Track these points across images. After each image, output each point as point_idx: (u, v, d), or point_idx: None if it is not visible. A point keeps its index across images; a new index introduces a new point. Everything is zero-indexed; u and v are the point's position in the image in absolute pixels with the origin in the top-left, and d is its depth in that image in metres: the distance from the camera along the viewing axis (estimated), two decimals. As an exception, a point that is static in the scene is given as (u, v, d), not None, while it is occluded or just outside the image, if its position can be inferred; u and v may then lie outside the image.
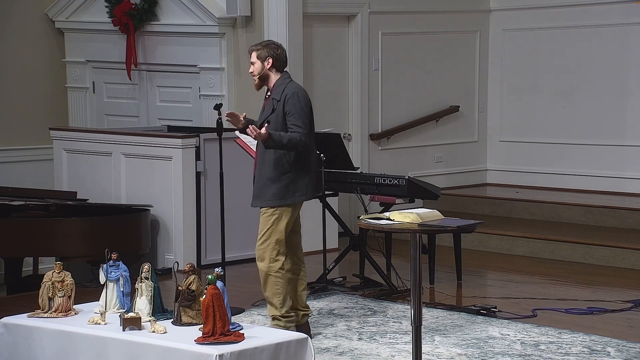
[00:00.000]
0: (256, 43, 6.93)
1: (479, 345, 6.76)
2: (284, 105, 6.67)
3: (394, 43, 11.23)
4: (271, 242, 6.76)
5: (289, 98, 6.67)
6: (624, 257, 9.28)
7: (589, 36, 11.32)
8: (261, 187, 6.73)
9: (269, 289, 6.81)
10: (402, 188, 8.24)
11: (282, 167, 6.68)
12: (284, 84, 6.76)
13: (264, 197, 6.73)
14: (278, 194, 6.69)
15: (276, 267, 6.77)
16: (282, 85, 6.76)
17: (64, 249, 8.92)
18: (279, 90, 6.74)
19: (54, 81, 11.76)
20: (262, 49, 6.80)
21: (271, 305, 6.82)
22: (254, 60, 6.81)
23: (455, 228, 5.81)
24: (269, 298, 6.82)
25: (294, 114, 6.65)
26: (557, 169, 11.58)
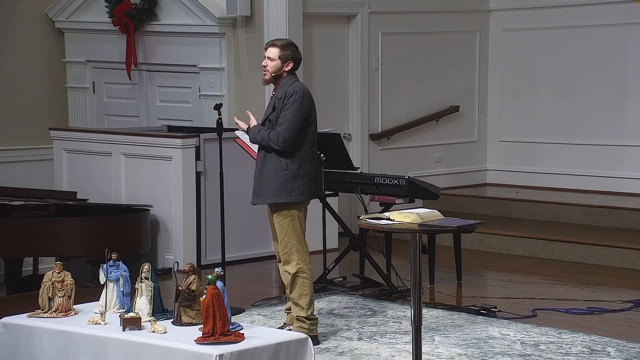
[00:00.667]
0: (278, 39, 6.86)
1: (479, 345, 6.76)
2: (282, 103, 6.67)
3: (394, 43, 11.23)
4: (293, 244, 6.72)
5: (289, 96, 6.64)
6: (624, 257, 9.28)
7: (589, 36, 11.32)
8: (260, 185, 6.73)
9: (297, 290, 6.75)
10: (402, 188, 8.23)
11: (280, 165, 6.66)
12: (289, 83, 6.72)
13: (262, 194, 6.72)
14: (274, 191, 6.66)
15: (304, 267, 6.75)
16: (286, 84, 6.72)
17: (64, 249, 8.92)
18: (282, 89, 6.71)
19: (54, 81, 11.76)
20: (287, 49, 6.70)
21: (297, 306, 6.77)
22: (273, 57, 6.70)
23: (455, 228, 5.81)
24: (295, 299, 6.76)
25: (283, 114, 6.63)
26: (557, 169, 11.58)
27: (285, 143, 6.59)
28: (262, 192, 6.72)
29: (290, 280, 6.74)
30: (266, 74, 6.74)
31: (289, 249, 6.72)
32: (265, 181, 6.69)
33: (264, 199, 6.73)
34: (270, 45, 6.74)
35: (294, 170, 6.67)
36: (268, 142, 6.62)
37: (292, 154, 6.67)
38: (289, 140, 6.60)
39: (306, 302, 6.74)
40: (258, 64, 10.23)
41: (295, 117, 6.61)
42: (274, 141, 6.60)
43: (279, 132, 6.59)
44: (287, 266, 6.75)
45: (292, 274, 6.72)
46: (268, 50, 6.73)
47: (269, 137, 6.61)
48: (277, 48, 6.69)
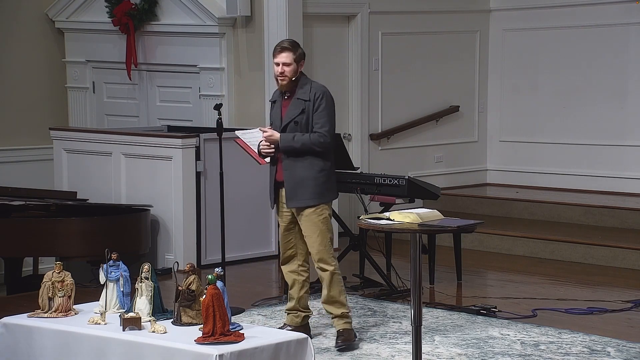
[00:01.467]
0: (285, 42, 6.77)
1: (479, 345, 6.76)
2: (314, 105, 6.63)
3: (394, 43, 11.23)
4: (327, 243, 6.73)
5: (320, 97, 6.64)
6: (624, 257, 9.28)
7: (589, 36, 11.32)
8: (296, 188, 6.64)
9: (335, 288, 6.75)
10: (402, 188, 8.23)
11: (318, 166, 6.64)
12: (308, 83, 6.71)
13: (302, 196, 6.65)
14: (316, 192, 6.64)
15: (337, 265, 6.80)
16: (307, 84, 6.70)
17: (64, 249, 8.92)
18: (305, 90, 6.67)
19: (54, 81, 11.76)
20: (297, 49, 6.67)
21: (337, 303, 6.76)
22: (289, 61, 6.62)
23: (455, 228, 5.81)
24: (336, 297, 6.75)
25: (320, 114, 6.63)
26: (557, 169, 11.58)
27: (329, 144, 6.65)
28: (299, 195, 6.64)
29: (329, 279, 6.74)
30: (285, 80, 6.66)
31: (325, 247, 6.72)
32: (302, 184, 6.62)
33: (303, 201, 6.65)
34: (281, 50, 6.65)
35: (329, 170, 6.72)
36: (311, 146, 6.59)
37: (327, 154, 6.70)
38: (332, 141, 6.68)
39: (346, 298, 6.81)
40: (258, 64, 10.28)
41: (332, 117, 6.68)
42: (317, 144, 6.60)
43: (322, 133, 6.60)
44: (323, 264, 6.73)
45: (330, 271, 6.72)
46: (280, 55, 6.64)
47: (311, 141, 6.58)
48: (290, 52, 6.63)
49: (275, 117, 6.76)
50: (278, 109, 6.76)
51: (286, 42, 6.75)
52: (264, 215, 9.84)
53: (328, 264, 6.74)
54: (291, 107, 6.68)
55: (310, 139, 6.59)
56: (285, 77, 6.64)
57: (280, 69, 6.64)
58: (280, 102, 6.77)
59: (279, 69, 6.64)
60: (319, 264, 6.76)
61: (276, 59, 6.66)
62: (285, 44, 6.70)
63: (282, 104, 6.74)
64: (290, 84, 6.66)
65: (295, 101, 6.67)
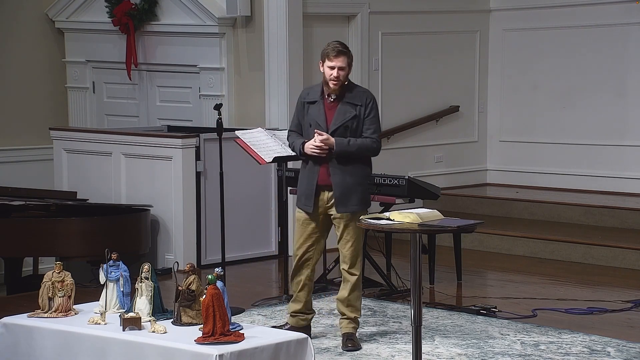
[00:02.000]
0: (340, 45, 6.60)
1: (479, 345, 6.76)
2: (366, 110, 6.56)
3: (394, 43, 11.23)
4: (360, 249, 6.73)
5: (371, 102, 6.60)
6: (624, 257, 9.28)
7: (589, 36, 11.32)
8: (348, 193, 6.56)
9: (357, 292, 6.75)
10: (402, 188, 8.23)
11: (365, 172, 6.64)
12: (354, 86, 6.66)
13: (353, 202, 6.58)
14: (364, 198, 6.64)
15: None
16: (354, 87, 6.64)
17: (64, 249, 8.92)
18: (354, 94, 6.60)
19: (54, 81, 11.76)
20: (350, 54, 6.59)
21: (354, 307, 6.76)
22: (344, 65, 6.53)
23: (455, 228, 5.81)
24: (353, 301, 6.74)
25: (372, 120, 6.58)
26: (557, 169, 11.58)
27: (379, 151, 6.64)
28: (351, 200, 6.57)
29: (354, 283, 6.72)
30: (337, 84, 6.55)
31: (359, 253, 6.71)
32: (353, 189, 6.56)
33: (353, 207, 6.58)
34: (338, 54, 6.52)
35: (369, 176, 6.78)
36: (364, 152, 6.57)
37: (370, 160, 6.71)
38: (379, 147, 6.66)
39: (361, 304, 6.84)
40: (258, 64, 10.28)
41: (379, 123, 6.66)
42: (370, 150, 6.58)
43: (375, 139, 6.58)
44: (352, 269, 6.71)
45: (357, 276, 6.73)
46: (337, 59, 6.52)
47: (365, 146, 6.55)
48: (345, 55, 6.53)
49: (318, 119, 6.60)
50: (321, 112, 6.60)
51: (341, 45, 6.58)
52: (264, 216, 9.85)
53: (357, 270, 6.74)
54: (340, 111, 6.57)
55: (365, 145, 6.55)
56: (339, 81, 6.53)
57: (335, 73, 6.51)
58: (322, 104, 6.62)
59: (334, 72, 6.51)
60: (351, 269, 6.72)
61: (332, 62, 6.53)
62: (341, 47, 6.55)
63: (325, 106, 6.61)
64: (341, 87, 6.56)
65: (345, 105, 6.56)
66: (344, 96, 6.57)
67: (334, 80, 6.52)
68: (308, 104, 6.68)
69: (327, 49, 6.56)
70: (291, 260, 9.68)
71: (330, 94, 6.58)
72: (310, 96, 6.68)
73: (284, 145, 7.90)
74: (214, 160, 8.82)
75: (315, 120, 6.60)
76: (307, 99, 6.70)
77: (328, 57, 6.53)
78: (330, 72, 6.52)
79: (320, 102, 6.62)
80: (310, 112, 6.64)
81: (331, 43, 6.61)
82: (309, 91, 6.75)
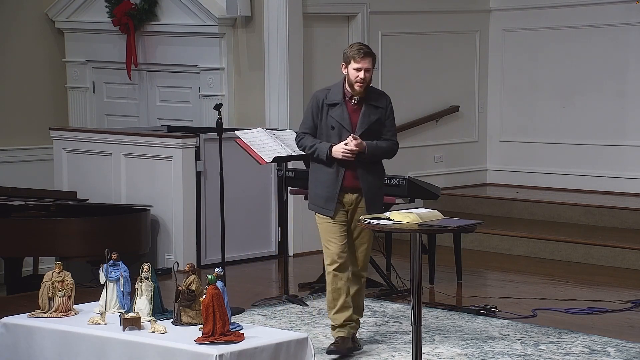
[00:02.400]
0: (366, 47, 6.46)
1: (479, 345, 6.76)
2: (386, 113, 6.52)
3: (394, 43, 11.23)
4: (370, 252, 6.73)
5: (391, 106, 6.57)
6: (624, 257, 9.28)
7: (589, 36, 11.32)
8: (375, 196, 6.54)
9: (363, 295, 6.76)
10: (402, 188, 8.23)
11: (383, 173, 6.65)
12: (376, 89, 6.61)
13: (378, 204, 6.55)
14: (381, 201, 6.69)
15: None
16: (375, 91, 6.58)
17: (64, 249, 8.92)
18: (376, 96, 6.53)
19: (54, 81, 11.76)
20: (374, 55, 6.48)
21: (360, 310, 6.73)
22: (370, 67, 6.41)
23: (455, 228, 5.81)
24: (361, 304, 6.74)
25: (392, 122, 6.57)
26: (557, 169, 11.58)
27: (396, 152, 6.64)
28: (377, 203, 6.54)
29: (363, 286, 6.72)
30: (363, 85, 6.41)
31: (369, 256, 6.73)
32: (377, 192, 6.56)
33: (379, 209, 6.54)
34: (364, 56, 6.39)
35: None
36: (387, 154, 6.56)
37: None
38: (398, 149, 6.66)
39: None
40: (258, 64, 10.28)
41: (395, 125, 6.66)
42: (392, 152, 6.59)
43: (395, 141, 6.59)
44: (363, 272, 6.70)
45: (365, 279, 6.74)
46: (363, 61, 6.38)
47: (389, 149, 6.54)
48: (371, 57, 6.42)
49: (342, 122, 6.45)
50: (344, 114, 6.45)
51: (365, 47, 6.46)
52: (264, 216, 9.85)
53: (366, 272, 6.78)
54: (366, 113, 6.46)
55: (389, 147, 6.54)
56: (365, 83, 6.40)
57: (362, 75, 6.37)
58: (344, 105, 6.47)
59: (361, 74, 6.38)
60: (361, 271, 6.69)
61: (358, 64, 6.38)
62: (367, 49, 6.44)
63: (348, 109, 6.47)
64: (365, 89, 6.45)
65: (369, 107, 6.47)
66: (366, 98, 6.46)
67: (360, 83, 6.38)
68: (329, 105, 6.49)
69: (352, 51, 6.41)
70: (292, 260, 9.73)
71: (355, 96, 6.45)
72: (331, 98, 6.49)
73: (284, 145, 7.90)
74: (214, 160, 8.82)
75: (339, 123, 6.44)
76: (327, 100, 6.50)
77: (354, 59, 6.38)
78: (357, 74, 6.37)
79: (342, 104, 6.47)
80: (332, 115, 6.48)
81: (354, 45, 6.50)
82: (326, 93, 6.55)
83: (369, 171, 6.51)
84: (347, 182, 6.49)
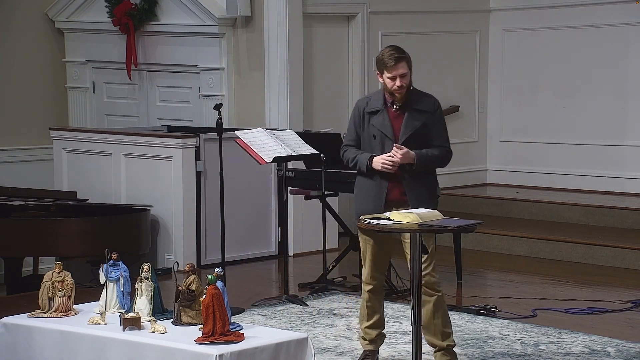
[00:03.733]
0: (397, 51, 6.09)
1: (479, 345, 6.76)
2: (434, 117, 6.12)
3: (394, 43, 11.16)
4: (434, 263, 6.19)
5: (439, 110, 6.18)
6: (624, 257, 9.28)
7: (589, 36, 11.32)
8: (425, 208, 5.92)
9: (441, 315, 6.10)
10: (402, 188, 8.21)
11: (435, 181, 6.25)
12: (418, 91, 6.14)
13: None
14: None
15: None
16: (417, 93, 6.12)
17: (64, 249, 8.92)
18: (421, 100, 6.11)
19: (54, 81, 11.76)
20: (408, 56, 6.07)
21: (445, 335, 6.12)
22: (405, 72, 6.01)
23: (455, 228, 5.80)
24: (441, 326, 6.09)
25: (442, 127, 6.15)
26: (557, 169, 11.58)
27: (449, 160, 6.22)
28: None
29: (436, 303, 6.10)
30: (402, 92, 6.02)
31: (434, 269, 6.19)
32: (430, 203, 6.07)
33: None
34: (397, 61, 6.00)
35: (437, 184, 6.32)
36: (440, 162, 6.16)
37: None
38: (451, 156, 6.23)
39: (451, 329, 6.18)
40: (258, 64, 10.28)
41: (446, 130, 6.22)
42: (445, 160, 6.18)
43: (448, 148, 6.16)
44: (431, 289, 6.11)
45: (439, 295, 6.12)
46: (397, 67, 5.99)
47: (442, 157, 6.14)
48: (405, 60, 6.02)
49: (384, 130, 6.06)
50: (386, 121, 6.06)
51: (397, 51, 6.07)
52: (264, 216, 9.85)
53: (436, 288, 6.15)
54: (409, 119, 6.05)
55: (442, 155, 6.13)
56: (403, 89, 6.00)
57: (398, 82, 5.98)
58: (386, 113, 6.07)
59: (397, 82, 5.98)
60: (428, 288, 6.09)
61: (392, 72, 6.00)
62: (398, 54, 6.04)
63: (390, 116, 6.07)
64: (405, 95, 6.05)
65: (413, 113, 6.05)
66: (409, 103, 6.06)
67: (399, 90, 5.99)
68: (369, 114, 6.11)
69: (383, 58, 6.04)
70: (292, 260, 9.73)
71: (396, 102, 6.06)
72: (371, 105, 6.11)
73: (284, 145, 7.89)
74: (214, 160, 8.81)
75: (380, 131, 6.07)
76: (367, 108, 6.12)
77: (386, 67, 6.00)
78: (392, 82, 5.99)
79: (383, 111, 6.08)
80: (373, 123, 6.09)
81: (386, 50, 6.12)
82: (367, 100, 6.18)
83: (418, 182, 6.08)
84: (392, 196, 6.10)
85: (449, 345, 6.11)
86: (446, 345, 6.11)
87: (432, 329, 6.10)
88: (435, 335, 6.11)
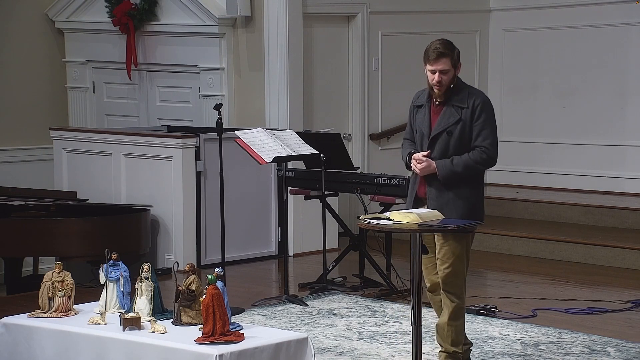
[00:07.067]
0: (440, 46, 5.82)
1: (479, 345, 6.76)
2: (473, 114, 5.86)
3: (394, 43, 11.23)
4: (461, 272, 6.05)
5: (481, 107, 5.88)
6: (624, 257, 9.28)
7: (589, 36, 11.32)
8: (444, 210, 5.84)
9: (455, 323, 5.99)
10: (402, 188, 8.23)
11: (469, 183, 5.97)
12: (465, 88, 5.93)
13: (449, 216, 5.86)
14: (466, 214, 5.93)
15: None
16: (464, 89, 5.91)
17: (64, 249, 8.92)
18: (462, 95, 5.88)
19: (54, 81, 11.76)
20: (454, 51, 5.83)
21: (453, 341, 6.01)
22: (447, 68, 5.81)
23: (455, 228, 5.80)
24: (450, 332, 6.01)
25: (482, 124, 5.87)
26: (557, 169, 11.58)
27: (494, 160, 5.97)
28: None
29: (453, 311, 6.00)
30: (441, 88, 5.85)
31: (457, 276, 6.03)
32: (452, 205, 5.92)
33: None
34: (437, 57, 5.80)
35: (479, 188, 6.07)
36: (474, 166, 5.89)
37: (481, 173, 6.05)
38: (492, 156, 5.97)
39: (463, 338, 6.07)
40: (258, 64, 10.28)
41: (495, 129, 5.94)
42: (480, 161, 5.90)
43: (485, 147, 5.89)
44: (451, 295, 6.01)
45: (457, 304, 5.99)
46: (437, 62, 5.81)
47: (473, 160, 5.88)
48: (447, 57, 5.80)
49: (422, 125, 5.95)
50: (426, 116, 5.95)
51: (441, 46, 5.83)
52: (264, 216, 9.85)
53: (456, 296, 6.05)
54: (444, 115, 5.89)
55: (472, 158, 5.87)
56: (442, 86, 5.84)
57: (437, 78, 5.81)
58: (428, 108, 5.96)
59: (436, 77, 5.81)
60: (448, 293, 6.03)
61: (432, 66, 5.83)
62: (441, 48, 5.81)
63: (430, 111, 5.95)
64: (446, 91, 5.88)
65: (449, 108, 5.87)
66: (450, 98, 5.88)
67: (437, 86, 5.83)
68: (416, 107, 6.03)
69: (428, 50, 5.86)
70: (292, 260, 9.73)
71: (436, 97, 5.92)
72: (419, 99, 6.03)
73: (284, 145, 7.90)
74: (214, 160, 8.82)
75: (419, 126, 5.97)
76: (416, 102, 6.05)
77: (428, 60, 5.84)
78: (432, 76, 5.84)
79: (426, 106, 5.97)
80: (417, 117, 6.02)
81: (433, 43, 5.89)
82: (419, 94, 6.07)
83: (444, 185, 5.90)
84: (420, 192, 6.02)
85: (455, 352, 6.05)
86: (453, 351, 6.05)
87: (444, 334, 6.06)
88: (445, 340, 6.07)
